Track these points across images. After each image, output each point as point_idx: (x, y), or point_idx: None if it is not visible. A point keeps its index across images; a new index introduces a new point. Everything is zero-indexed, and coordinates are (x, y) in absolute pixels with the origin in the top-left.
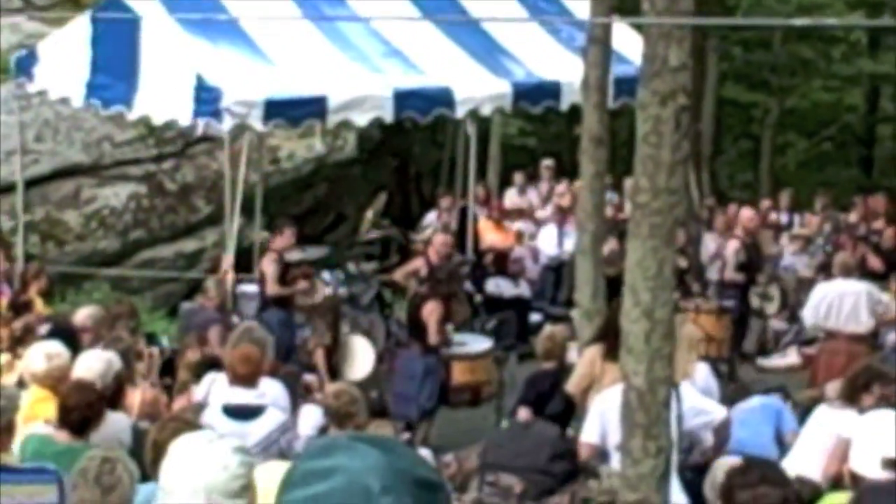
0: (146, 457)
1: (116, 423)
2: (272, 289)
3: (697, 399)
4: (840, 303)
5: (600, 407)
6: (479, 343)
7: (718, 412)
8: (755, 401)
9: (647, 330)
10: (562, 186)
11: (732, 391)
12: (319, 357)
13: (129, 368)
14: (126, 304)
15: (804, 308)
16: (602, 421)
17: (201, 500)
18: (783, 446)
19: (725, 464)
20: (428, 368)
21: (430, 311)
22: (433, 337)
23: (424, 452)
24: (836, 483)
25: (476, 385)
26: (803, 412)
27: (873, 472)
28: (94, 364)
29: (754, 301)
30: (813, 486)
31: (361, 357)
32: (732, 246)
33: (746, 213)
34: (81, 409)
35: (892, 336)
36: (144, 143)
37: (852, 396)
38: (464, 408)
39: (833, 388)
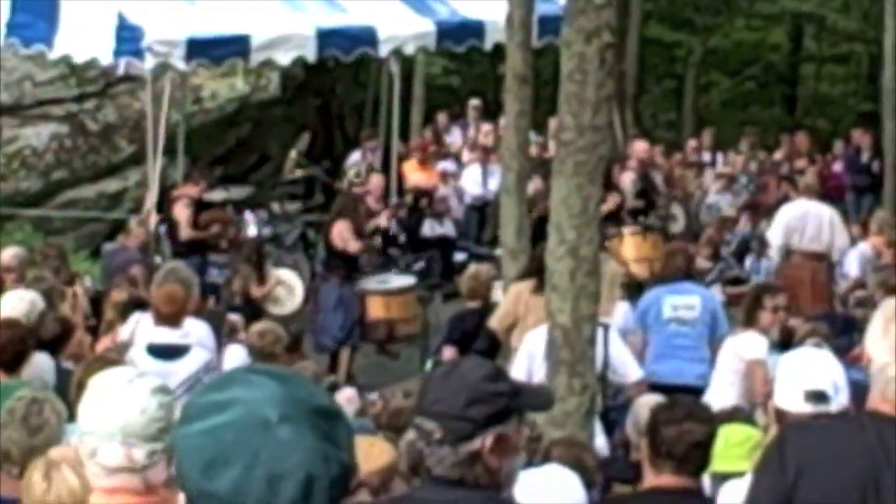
0: (71, 397)
1: (40, 364)
2: (186, 233)
3: (620, 352)
4: (804, 223)
5: (528, 346)
6: (399, 280)
7: (634, 374)
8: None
9: (573, 268)
10: (485, 126)
11: None
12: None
13: (53, 309)
14: (55, 246)
15: (770, 230)
16: (529, 359)
17: (117, 441)
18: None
19: (648, 402)
20: (341, 299)
21: (339, 231)
22: (352, 245)
23: (349, 391)
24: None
25: (391, 321)
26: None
27: (797, 406)
28: (17, 304)
29: (656, 223)
30: (746, 414)
31: (291, 291)
32: (629, 177)
33: (640, 146)
34: (14, 345)
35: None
36: (66, 83)
37: (750, 317)
38: (380, 344)
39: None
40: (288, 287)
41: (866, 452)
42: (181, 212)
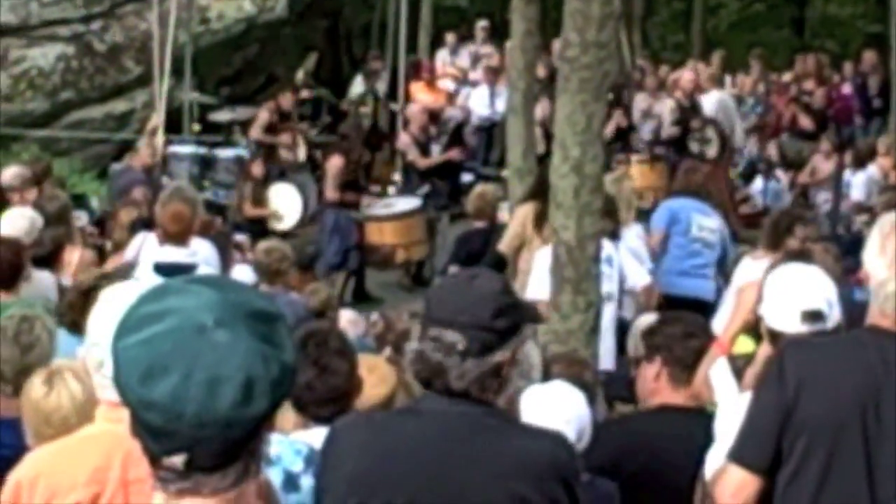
0: (73, 307)
1: (42, 282)
2: None
3: (628, 262)
4: None
5: (544, 263)
6: (404, 204)
7: (641, 280)
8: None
9: (577, 185)
10: (488, 48)
11: None
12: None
13: (67, 226)
14: (42, 162)
15: None
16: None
17: None
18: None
19: (647, 320)
20: (337, 225)
21: (331, 166)
22: (330, 192)
23: (349, 314)
24: None
25: (388, 247)
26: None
27: (793, 326)
28: (17, 222)
29: (693, 147)
30: None
31: (288, 206)
32: (669, 105)
33: (687, 75)
34: (10, 262)
35: (821, 195)
36: (72, 3)
37: (776, 242)
38: (384, 268)
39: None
40: (285, 203)
41: (866, 367)
42: None
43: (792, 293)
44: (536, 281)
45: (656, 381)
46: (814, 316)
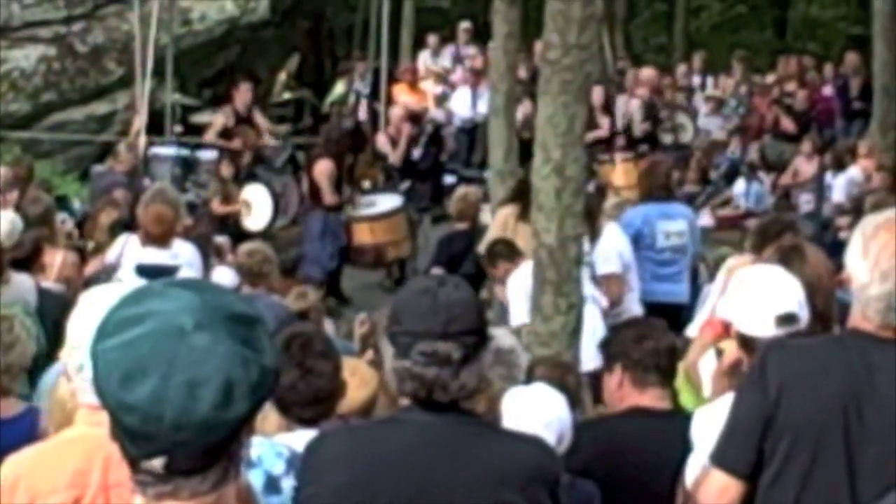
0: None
1: (21, 285)
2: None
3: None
4: None
5: (519, 288)
6: (387, 202)
7: (601, 268)
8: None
9: (558, 187)
10: (471, 49)
11: None
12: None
13: (50, 228)
14: (24, 163)
15: None
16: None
17: None
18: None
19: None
20: (326, 228)
21: (321, 172)
22: (328, 197)
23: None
24: None
25: (378, 246)
26: (715, 270)
27: (766, 331)
28: None
29: (666, 138)
30: None
31: (258, 207)
32: (635, 103)
33: (647, 72)
34: None
35: (804, 197)
36: (54, 5)
37: (763, 245)
38: (376, 267)
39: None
40: (251, 205)
41: (848, 370)
42: None
43: (764, 297)
44: (516, 309)
45: (620, 389)
46: (788, 319)
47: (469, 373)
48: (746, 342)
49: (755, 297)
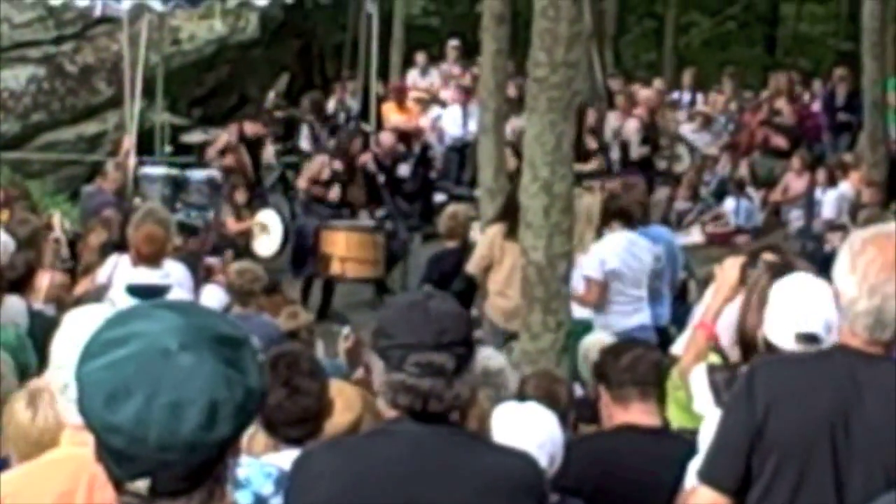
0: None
1: (12, 307)
2: None
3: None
4: None
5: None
6: (362, 219)
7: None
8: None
9: (546, 205)
10: (459, 67)
11: None
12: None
13: (38, 250)
14: (19, 186)
15: None
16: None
17: None
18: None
19: (594, 341)
20: (302, 230)
21: (313, 162)
22: (302, 182)
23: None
24: None
25: (345, 259)
26: (704, 286)
27: (787, 344)
28: None
29: (661, 164)
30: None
31: (271, 231)
32: (633, 125)
33: (645, 93)
34: None
35: (794, 213)
36: (43, 25)
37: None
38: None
39: None
40: (268, 227)
41: (836, 386)
42: None
43: (792, 311)
44: None
45: (607, 409)
46: (808, 338)
47: (462, 383)
48: (770, 348)
49: (785, 307)
